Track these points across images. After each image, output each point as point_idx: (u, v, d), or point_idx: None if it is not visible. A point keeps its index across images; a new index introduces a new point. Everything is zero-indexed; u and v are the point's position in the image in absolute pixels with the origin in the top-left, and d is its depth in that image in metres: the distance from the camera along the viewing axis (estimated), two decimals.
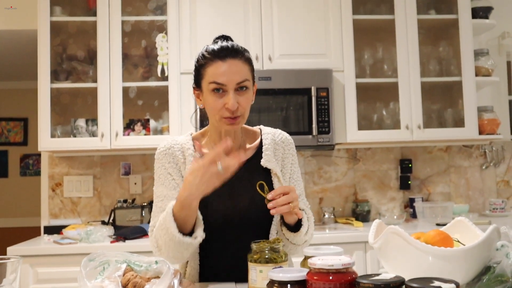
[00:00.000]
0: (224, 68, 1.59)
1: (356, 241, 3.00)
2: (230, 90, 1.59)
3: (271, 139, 1.76)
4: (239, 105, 1.59)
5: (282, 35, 3.37)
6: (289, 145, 1.80)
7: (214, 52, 1.62)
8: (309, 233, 1.65)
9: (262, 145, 1.75)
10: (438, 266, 1.17)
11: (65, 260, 2.83)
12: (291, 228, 1.61)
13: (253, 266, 1.31)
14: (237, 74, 1.59)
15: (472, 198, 3.84)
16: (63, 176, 3.56)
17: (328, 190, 3.72)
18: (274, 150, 1.75)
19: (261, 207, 1.62)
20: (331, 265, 1.04)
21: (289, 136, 1.83)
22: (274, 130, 1.81)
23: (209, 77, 1.60)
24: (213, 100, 1.60)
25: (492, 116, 3.56)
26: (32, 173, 6.62)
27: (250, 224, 1.57)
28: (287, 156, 1.78)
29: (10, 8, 3.57)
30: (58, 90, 3.37)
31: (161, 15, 3.38)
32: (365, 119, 3.60)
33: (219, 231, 1.63)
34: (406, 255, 1.21)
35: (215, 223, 1.61)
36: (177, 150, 1.70)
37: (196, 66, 1.68)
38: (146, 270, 1.22)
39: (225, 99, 1.59)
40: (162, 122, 3.44)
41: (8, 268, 1.15)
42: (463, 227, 1.39)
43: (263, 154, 1.72)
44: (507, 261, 1.22)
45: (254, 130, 1.83)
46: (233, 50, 1.62)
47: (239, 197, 1.66)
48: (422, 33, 3.58)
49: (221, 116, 1.60)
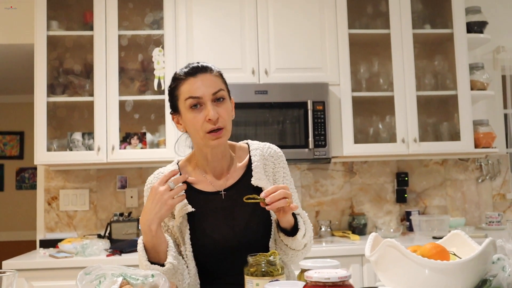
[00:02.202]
0: (197, 82, 1.60)
1: (353, 254, 2.99)
2: (207, 102, 1.59)
3: (259, 155, 1.74)
4: (219, 116, 1.59)
5: (278, 49, 3.38)
6: (278, 159, 1.77)
7: (185, 73, 1.63)
8: (307, 236, 1.64)
9: (251, 163, 1.73)
10: (434, 279, 1.17)
11: (60, 274, 2.81)
12: (288, 233, 1.60)
13: (249, 279, 1.31)
14: (211, 86, 1.61)
15: (468, 211, 3.84)
16: (59, 189, 3.55)
17: (325, 204, 3.72)
18: (264, 166, 1.73)
19: (257, 228, 1.63)
20: (328, 278, 1.03)
21: (278, 149, 1.80)
22: (262, 145, 1.78)
23: (184, 95, 1.61)
24: (193, 117, 1.60)
25: (488, 129, 3.58)
26: (28, 186, 6.61)
27: (248, 246, 1.56)
28: (278, 170, 1.75)
29: (10, 8, 3.56)
30: (54, 104, 3.38)
31: (157, 29, 3.40)
32: (361, 132, 3.61)
33: (218, 256, 1.63)
34: (402, 268, 1.21)
35: (214, 250, 1.63)
36: None
37: (169, 90, 1.68)
38: (143, 283, 1.21)
39: (204, 112, 1.59)
40: (159, 135, 3.44)
41: (4, 282, 1.15)
42: (460, 240, 1.39)
43: (253, 172, 1.68)
44: (503, 274, 1.22)
45: (242, 146, 1.80)
46: (203, 67, 1.64)
47: (234, 221, 1.65)
48: (417, 47, 3.61)
49: (204, 132, 1.59)
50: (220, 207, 1.66)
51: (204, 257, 1.64)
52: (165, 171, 1.73)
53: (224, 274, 1.65)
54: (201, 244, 1.62)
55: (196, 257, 1.64)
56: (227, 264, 1.64)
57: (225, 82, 1.69)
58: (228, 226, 1.65)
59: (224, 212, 1.66)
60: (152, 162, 3.28)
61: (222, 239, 1.63)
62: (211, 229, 1.64)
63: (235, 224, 1.65)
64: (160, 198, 1.47)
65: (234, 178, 1.71)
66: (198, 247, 1.63)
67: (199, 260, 1.64)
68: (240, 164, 1.74)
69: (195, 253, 1.63)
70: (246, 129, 3.27)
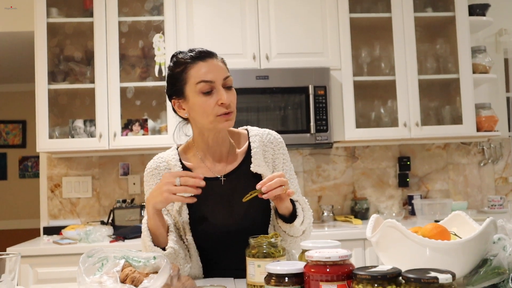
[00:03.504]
0: (208, 66, 1.60)
1: (355, 238, 3.00)
2: (218, 86, 1.59)
3: (259, 141, 1.73)
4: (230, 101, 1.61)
5: (279, 34, 3.37)
6: (278, 145, 1.76)
7: (192, 56, 1.62)
8: (306, 223, 1.64)
9: (250, 149, 1.72)
10: (435, 259, 1.17)
11: (64, 260, 2.84)
12: (286, 220, 1.61)
13: (251, 261, 1.31)
14: (221, 71, 1.61)
15: (471, 195, 3.84)
16: (62, 177, 3.56)
17: (327, 189, 3.72)
18: (264, 152, 1.72)
19: (256, 215, 1.63)
20: (328, 257, 1.04)
21: (277, 135, 1.80)
22: (261, 131, 1.78)
23: (195, 79, 1.59)
24: (204, 101, 1.58)
25: (490, 113, 3.56)
26: (31, 175, 6.62)
27: (247, 232, 1.54)
28: (278, 157, 1.75)
29: (10, 8, 3.55)
30: (55, 92, 3.38)
31: (158, 15, 3.38)
32: (363, 117, 3.60)
33: (218, 241, 1.65)
34: (403, 249, 1.21)
35: (213, 235, 1.64)
36: (164, 169, 1.70)
37: (173, 74, 1.65)
38: (144, 265, 1.21)
39: (217, 95, 1.58)
40: (160, 122, 3.43)
41: (7, 264, 1.16)
42: (460, 220, 1.39)
43: (252, 159, 1.68)
44: (504, 254, 1.22)
45: (241, 132, 1.80)
46: (209, 52, 1.64)
47: (233, 207, 1.66)
48: (419, 30, 3.58)
49: (215, 115, 1.58)
50: (219, 193, 1.66)
51: (203, 242, 1.65)
52: (165, 156, 1.73)
53: (224, 258, 1.66)
54: (201, 230, 1.63)
55: (196, 241, 1.64)
56: (226, 249, 1.65)
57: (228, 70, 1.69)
58: (227, 212, 1.65)
59: (223, 198, 1.66)
60: (154, 149, 3.27)
61: (221, 225, 1.64)
62: (210, 215, 1.65)
63: (234, 210, 1.65)
64: (161, 187, 1.48)
65: (233, 164, 1.71)
66: (198, 232, 1.64)
67: (199, 245, 1.65)
68: (240, 151, 1.74)
69: (195, 238, 1.64)
70: (247, 115, 3.26)
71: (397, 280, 1.00)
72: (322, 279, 1.03)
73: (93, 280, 1.15)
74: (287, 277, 1.09)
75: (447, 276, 0.95)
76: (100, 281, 1.15)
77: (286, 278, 1.09)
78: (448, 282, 0.95)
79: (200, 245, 1.65)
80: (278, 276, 1.10)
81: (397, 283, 0.99)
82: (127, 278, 1.17)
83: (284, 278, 1.10)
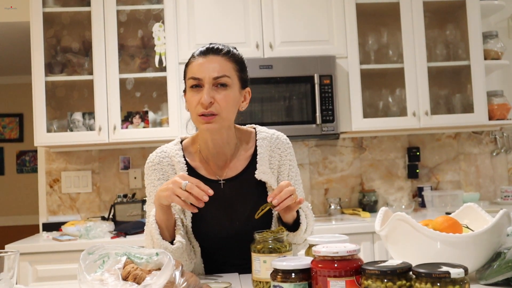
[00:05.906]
0: (203, 64, 1.57)
1: (364, 232, 2.96)
2: (206, 85, 1.55)
3: (266, 146, 1.69)
4: (215, 102, 1.54)
5: (282, 22, 3.30)
6: (286, 151, 1.72)
7: (199, 51, 1.62)
8: (308, 231, 1.62)
9: (256, 154, 1.68)
10: (446, 252, 1.17)
11: (64, 257, 2.82)
12: (290, 228, 1.58)
13: (256, 256, 1.30)
14: (215, 69, 1.57)
15: (483, 186, 3.76)
16: (61, 172, 3.51)
17: (334, 181, 3.65)
18: (270, 158, 1.69)
19: (258, 221, 1.59)
20: (336, 252, 1.04)
21: (286, 139, 1.75)
22: (270, 135, 1.73)
23: (188, 74, 1.60)
24: (189, 97, 1.59)
25: (502, 100, 3.51)
26: (29, 170, 6.59)
27: (248, 237, 1.51)
28: (284, 163, 1.71)
29: (10, 8, 3.52)
30: (53, 84, 3.33)
31: (157, 3, 3.32)
32: (371, 106, 3.54)
33: (220, 242, 1.64)
34: (413, 242, 1.21)
35: (215, 237, 1.63)
36: (166, 165, 1.67)
37: (185, 67, 1.67)
38: (147, 262, 1.20)
39: (200, 94, 1.56)
40: (161, 114, 3.39)
41: (6, 262, 1.18)
42: (472, 213, 1.39)
43: (258, 165, 1.65)
44: None
45: (248, 130, 1.76)
46: (216, 48, 1.61)
47: (234, 213, 1.64)
48: (428, 16, 3.51)
49: (196, 114, 1.56)
50: (220, 197, 1.62)
51: (204, 242, 1.64)
52: (168, 150, 1.70)
53: (226, 258, 1.66)
54: (202, 231, 1.63)
55: (198, 241, 1.64)
56: (228, 251, 1.65)
57: (241, 68, 1.64)
58: (228, 217, 1.64)
59: (224, 202, 1.64)
60: (155, 142, 3.23)
61: (221, 229, 1.63)
62: (210, 218, 1.63)
63: (235, 216, 1.64)
64: (169, 184, 1.44)
65: (237, 168, 1.68)
66: (199, 233, 1.63)
67: (201, 244, 1.64)
68: (245, 154, 1.71)
69: (197, 238, 1.63)
70: (252, 106, 3.16)
71: (407, 275, 1.00)
72: (330, 274, 1.03)
73: (94, 277, 1.15)
74: (293, 273, 1.10)
75: (459, 271, 0.95)
76: (101, 279, 1.15)
77: (293, 274, 1.10)
78: (460, 276, 0.95)
79: (202, 245, 1.64)
80: (285, 272, 1.10)
81: (407, 278, 0.99)
82: (129, 275, 1.17)
83: (291, 274, 1.10)
